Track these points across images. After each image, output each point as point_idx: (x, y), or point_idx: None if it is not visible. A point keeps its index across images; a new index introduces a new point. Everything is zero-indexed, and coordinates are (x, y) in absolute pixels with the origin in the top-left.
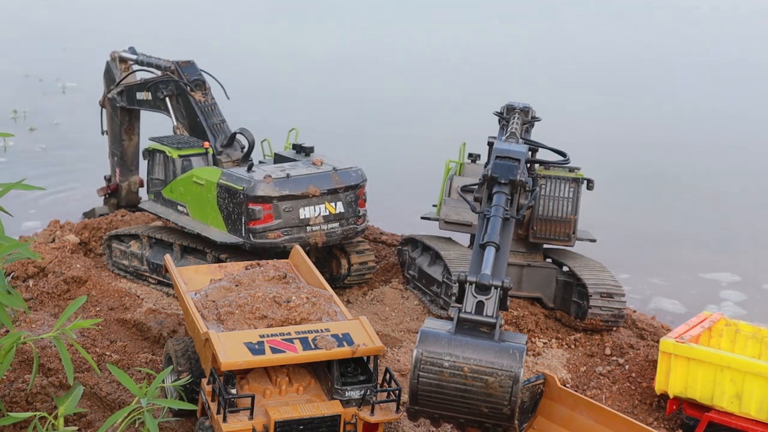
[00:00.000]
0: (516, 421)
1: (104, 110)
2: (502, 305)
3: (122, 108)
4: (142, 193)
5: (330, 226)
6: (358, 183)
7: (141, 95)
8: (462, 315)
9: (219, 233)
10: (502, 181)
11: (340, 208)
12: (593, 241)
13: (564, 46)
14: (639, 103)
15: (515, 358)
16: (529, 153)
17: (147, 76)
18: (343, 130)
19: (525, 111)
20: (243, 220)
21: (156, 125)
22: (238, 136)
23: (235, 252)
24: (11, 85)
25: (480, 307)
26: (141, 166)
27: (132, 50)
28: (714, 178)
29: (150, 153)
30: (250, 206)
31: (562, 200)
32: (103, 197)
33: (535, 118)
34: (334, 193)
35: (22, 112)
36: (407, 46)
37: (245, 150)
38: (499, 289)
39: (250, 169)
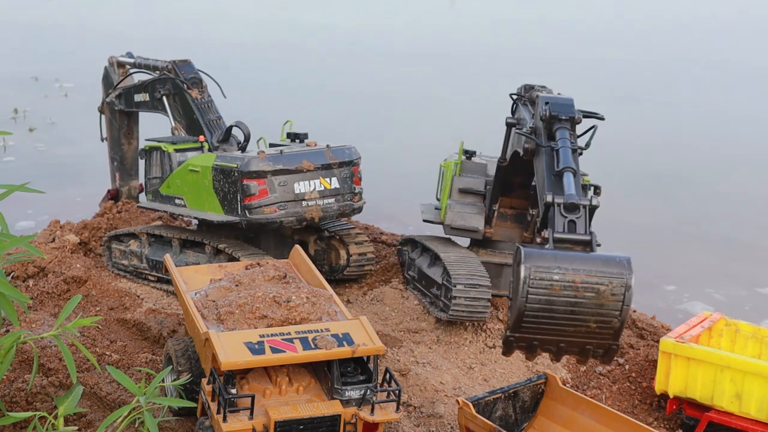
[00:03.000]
0: (620, 340)
1: (103, 116)
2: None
3: (121, 111)
4: (142, 198)
5: (326, 201)
6: (352, 159)
7: (139, 97)
8: (556, 235)
9: (216, 216)
10: (563, 117)
11: (335, 183)
12: (598, 246)
13: (564, 46)
14: (666, 105)
15: (624, 266)
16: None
17: (145, 79)
18: (342, 129)
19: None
20: (238, 197)
21: (156, 132)
22: (234, 130)
23: (234, 237)
24: (11, 85)
25: (571, 226)
26: (141, 171)
27: (129, 54)
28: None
29: (147, 152)
30: (245, 182)
31: None
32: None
33: None
34: (328, 169)
35: (22, 112)
36: (406, 43)
37: (241, 144)
38: (587, 208)
39: (243, 152)
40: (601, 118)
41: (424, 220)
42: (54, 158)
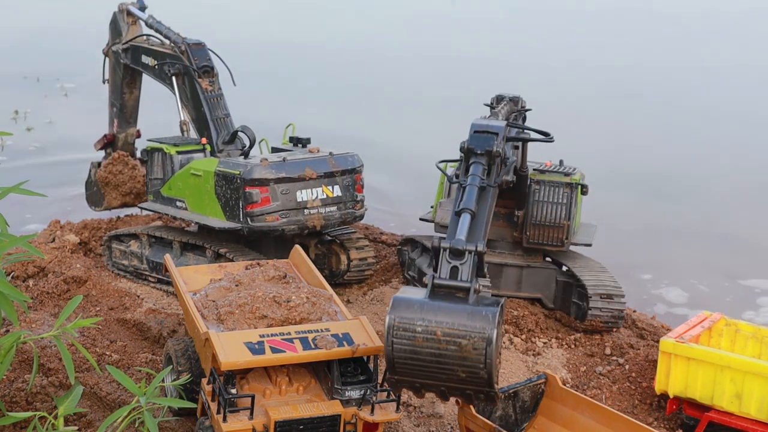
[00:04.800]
0: (496, 386)
1: (107, 60)
2: (479, 272)
3: (126, 64)
4: (139, 143)
5: (328, 209)
6: (355, 167)
7: (147, 59)
8: (436, 281)
9: (217, 222)
10: (479, 152)
11: (337, 191)
12: (589, 245)
13: (561, 46)
14: (658, 104)
15: (488, 320)
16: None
17: (153, 39)
18: (342, 129)
19: (515, 101)
20: (240, 204)
21: (158, 127)
22: (240, 134)
23: (235, 241)
24: (10, 85)
25: (454, 272)
26: (140, 119)
27: (141, 3)
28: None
29: (149, 153)
30: (247, 189)
31: (555, 205)
32: (101, 149)
33: (524, 108)
34: (330, 177)
35: (23, 112)
36: (407, 42)
37: (245, 148)
38: (473, 254)
39: (246, 157)
40: (550, 141)
41: (420, 219)
42: (48, 158)
